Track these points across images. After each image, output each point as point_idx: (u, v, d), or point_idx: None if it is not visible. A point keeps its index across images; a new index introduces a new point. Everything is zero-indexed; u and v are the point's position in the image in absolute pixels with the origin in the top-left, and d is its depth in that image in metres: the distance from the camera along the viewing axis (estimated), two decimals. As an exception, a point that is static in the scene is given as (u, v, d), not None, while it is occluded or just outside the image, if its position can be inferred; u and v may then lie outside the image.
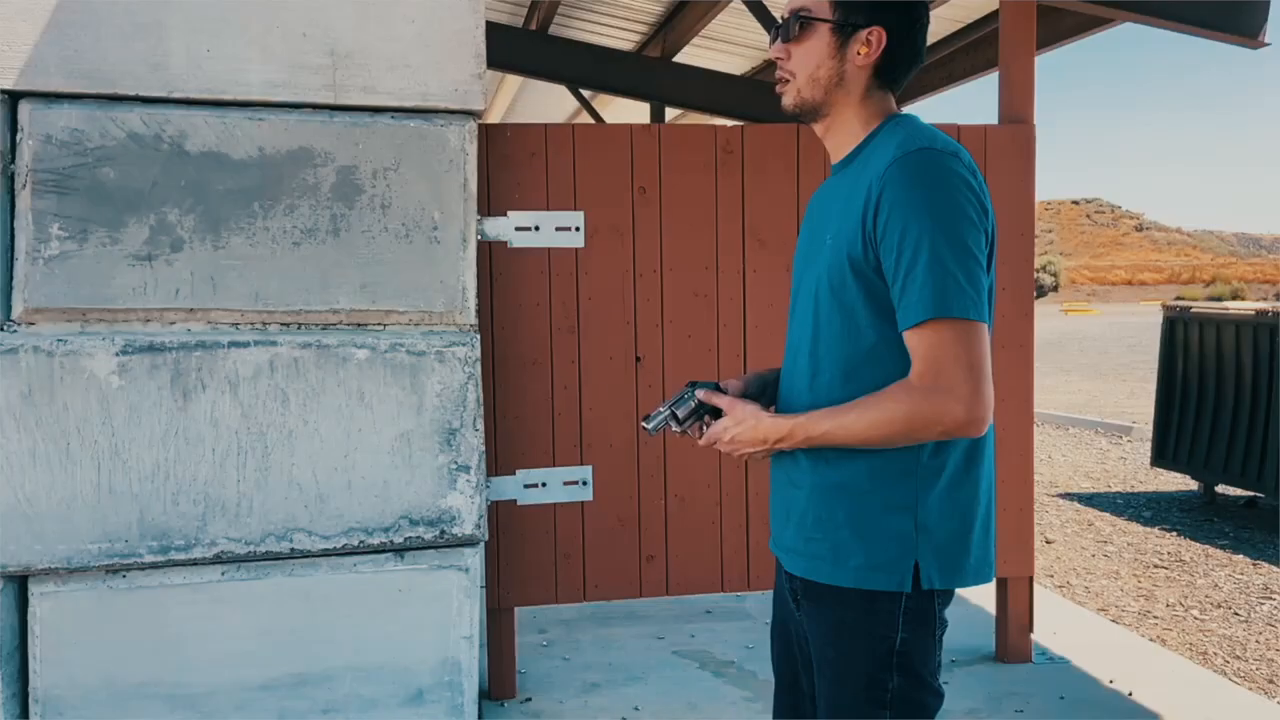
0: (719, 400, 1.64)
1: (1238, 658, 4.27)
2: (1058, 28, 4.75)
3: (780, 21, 1.64)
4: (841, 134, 1.63)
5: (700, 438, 1.66)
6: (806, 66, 1.60)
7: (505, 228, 3.12)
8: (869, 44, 1.57)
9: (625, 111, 8.82)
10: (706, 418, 1.68)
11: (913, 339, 1.45)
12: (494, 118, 10.26)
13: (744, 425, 1.59)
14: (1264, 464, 6.45)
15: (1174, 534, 6.30)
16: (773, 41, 1.65)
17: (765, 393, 1.76)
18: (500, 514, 3.21)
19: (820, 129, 1.66)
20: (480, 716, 3.01)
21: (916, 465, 1.51)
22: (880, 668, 1.52)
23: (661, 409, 1.69)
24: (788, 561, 1.64)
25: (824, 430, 1.51)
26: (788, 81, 1.63)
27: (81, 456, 2.40)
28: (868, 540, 1.52)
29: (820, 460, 1.57)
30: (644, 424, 1.70)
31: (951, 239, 1.44)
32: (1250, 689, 3.87)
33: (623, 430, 3.28)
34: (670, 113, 8.04)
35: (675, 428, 1.69)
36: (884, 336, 1.51)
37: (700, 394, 1.68)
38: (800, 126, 3.35)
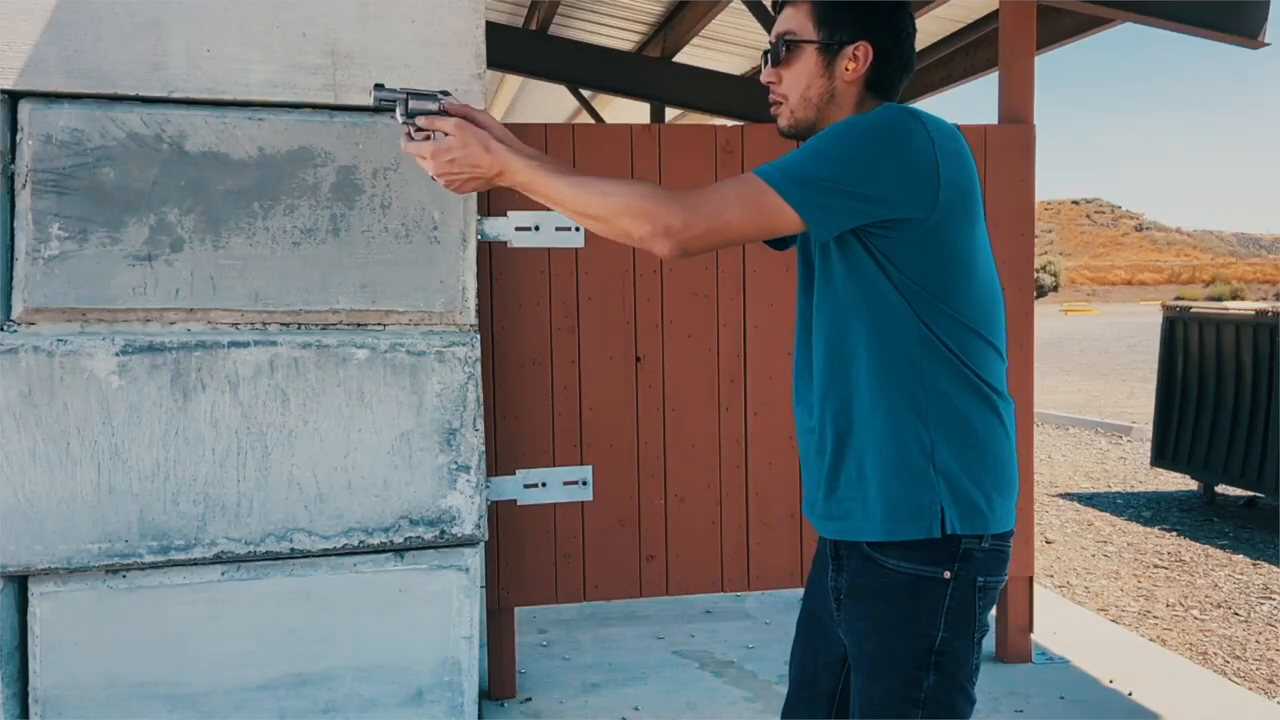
0: (443, 123, 1.58)
1: (1238, 658, 4.27)
2: (1058, 28, 4.75)
3: (769, 47, 1.66)
4: None
5: (420, 149, 1.60)
6: (798, 87, 1.62)
7: (505, 227, 3.12)
8: (856, 59, 1.59)
9: (625, 111, 8.81)
10: (435, 133, 1.59)
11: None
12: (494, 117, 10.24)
13: (468, 150, 1.55)
14: (1264, 464, 6.45)
15: (1174, 534, 6.30)
16: (764, 66, 1.67)
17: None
18: (500, 514, 3.21)
19: None
20: (480, 716, 3.01)
21: (930, 415, 1.53)
22: (918, 665, 1.52)
23: (400, 90, 1.61)
24: (823, 527, 1.65)
25: (544, 183, 1.51)
26: (781, 104, 1.65)
27: (81, 456, 2.40)
28: (892, 491, 1.53)
29: (839, 425, 1.58)
30: (375, 89, 1.62)
31: (835, 147, 1.45)
32: (1250, 689, 3.87)
33: (623, 430, 3.28)
34: (670, 113, 8.04)
35: (400, 118, 1.60)
36: (858, 292, 1.54)
37: (448, 104, 1.60)
38: (800, 126, 3.35)
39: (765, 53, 1.66)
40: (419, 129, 1.61)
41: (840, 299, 1.57)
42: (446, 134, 1.57)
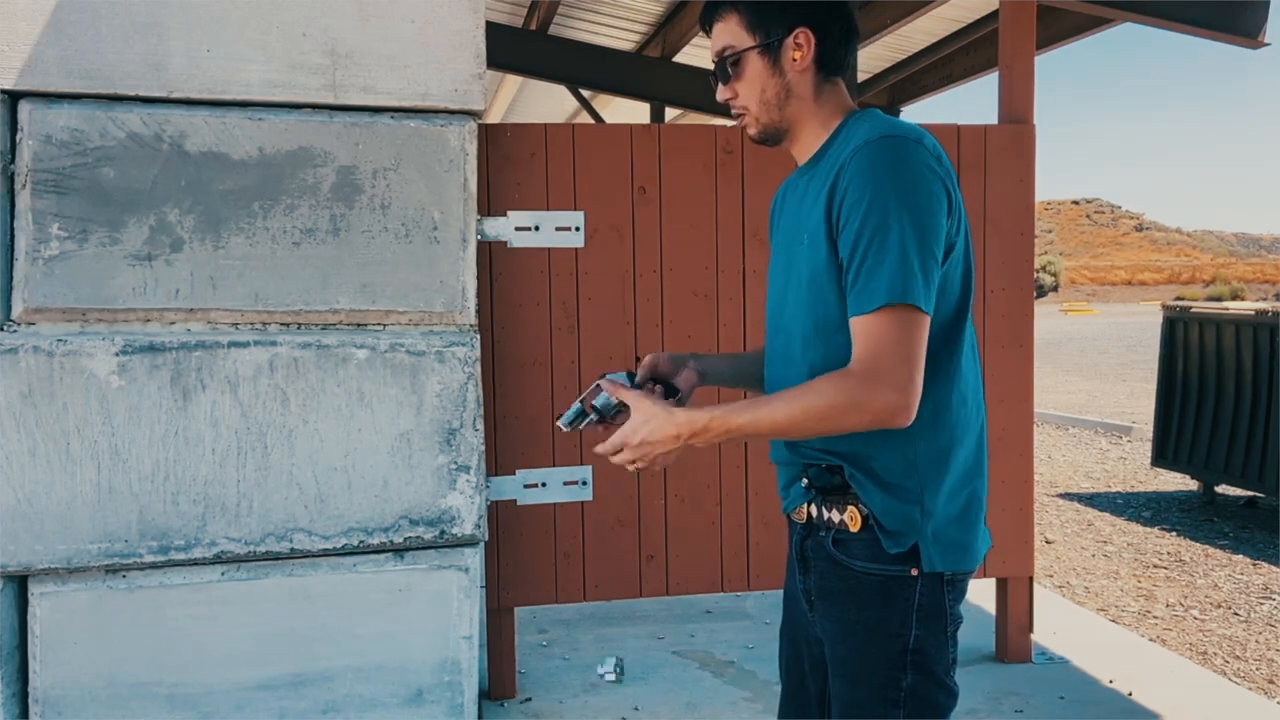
0: (624, 394, 1.56)
1: (1238, 658, 4.27)
2: (1058, 28, 4.76)
3: (713, 70, 1.65)
4: (807, 139, 1.64)
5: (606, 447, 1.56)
6: (754, 95, 1.62)
7: (505, 228, 3.12)
8: (801, 46, 1.59)
9: (625, 111, 8.82)
10: (623, 415, 1.58)
11: (859, 324, 1.44)
12: (494, 118, 10.26)
13: (654, 422, 1.50)
14: (1264, 464, 6.44)
15: (1174, 534, 6.30)
16: (715, 87, 1.67)
17: (679, 372, 1.79)
18: (500, 514, 3.21)
19: (790, 145, 1.67)
20: (480, 716, 3.01)
21: (921, 447, 1.51)
22: (894, 666, 1.52)
23: (576, 404, 1.60)
24: (796, 499, 1.63)
25: (747, 419, 1.47)
26: (745, 115, 1.65)
27: (81, 456, 2.40)
28: (876, 509, 1.52)
29: (837, 448, 1.55)
30: (559, 423, 1.60)
31: (912, 226, 1.43)
32: (1250, 689, 3.87)
33: (623, 430, 3.28)
34: (670, 113, 8.04)
35: (594, 419, 1.60)
36: None
37: (605, 384, 1.58)
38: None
39: (711, 74, 1.67)
40: (611, 417, 1.60)
41: (824, 340, 1.54)
42: (627, 405, 1.55)
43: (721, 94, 1.66)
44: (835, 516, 1.57)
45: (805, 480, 1.61)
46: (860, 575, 1.54)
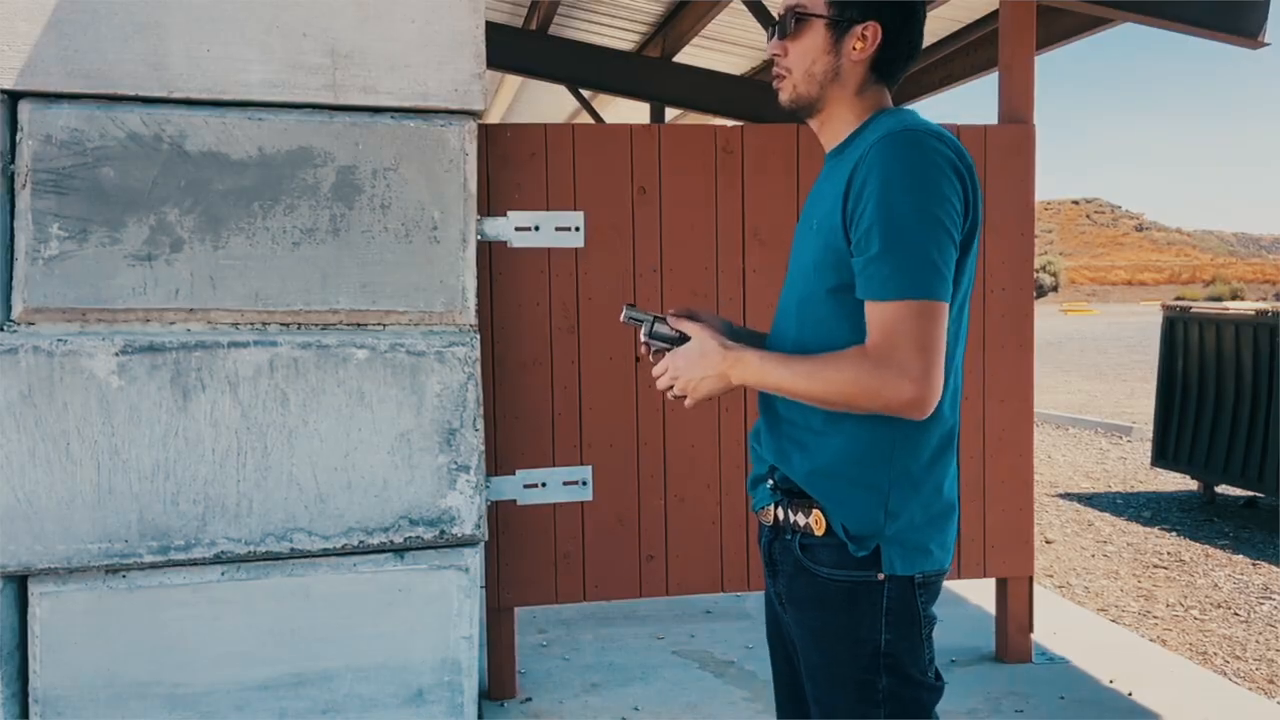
0: (688, 326, 1.62)
1: (1238, 658, 4.27)
2: (1058, 28, 4.75)
3: (777, 18, 1.64)
4: (836, 127, 1.63)
5: (660, 367, 1.64)
6: (803, 62, 1.60)
7: (505, 228, 3.12)
8: (865, 39, 1.58)
9: (625, 111, 8.82)
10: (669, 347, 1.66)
11: (874, 310, 1.45)
12: (494, 118, 10.25)
13: (710, 359, 1.58)
14: (1264, 464, 6.44)
15: (1174, 534, 6.30)
16: (770, 38, 1.66)
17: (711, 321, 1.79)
18: (500, 514, 3.21)
19: (816, 124, 1.66)
20: (480, 716, 3.01)
21: (892, 453, 1.51)
22: (867, 670, 1.51)
23: (646, 316, 1.67)
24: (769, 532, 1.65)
25: (777, 378, 1.53)
26: (784, 77, 1.63)
27: (81, 456, 2.40)
28: (839, 514, 1.53)
29: (799, 446, 1.57)
30: (628, 310, 1.68)
31: (925, 215, 1.43)
32: (1250, 689, 3.87)
33: (623, 430, 3.28)
34: (670, 113, 8.04)
35: (644, 337, 1.67)
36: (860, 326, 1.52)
37: (670, 319, 1.66)
38: (800, 127, 3.36)
39: (773, 24, 1.65)
40: (659, 345, 1.67)
41: (820, 317, 1.56)
42: (688, 336, 1.62)
43: (772, 47, 1.64)
44: (800, 520, 1.56)
45: (771, 481, 1.60)
46: (826, 581, 1.53)
